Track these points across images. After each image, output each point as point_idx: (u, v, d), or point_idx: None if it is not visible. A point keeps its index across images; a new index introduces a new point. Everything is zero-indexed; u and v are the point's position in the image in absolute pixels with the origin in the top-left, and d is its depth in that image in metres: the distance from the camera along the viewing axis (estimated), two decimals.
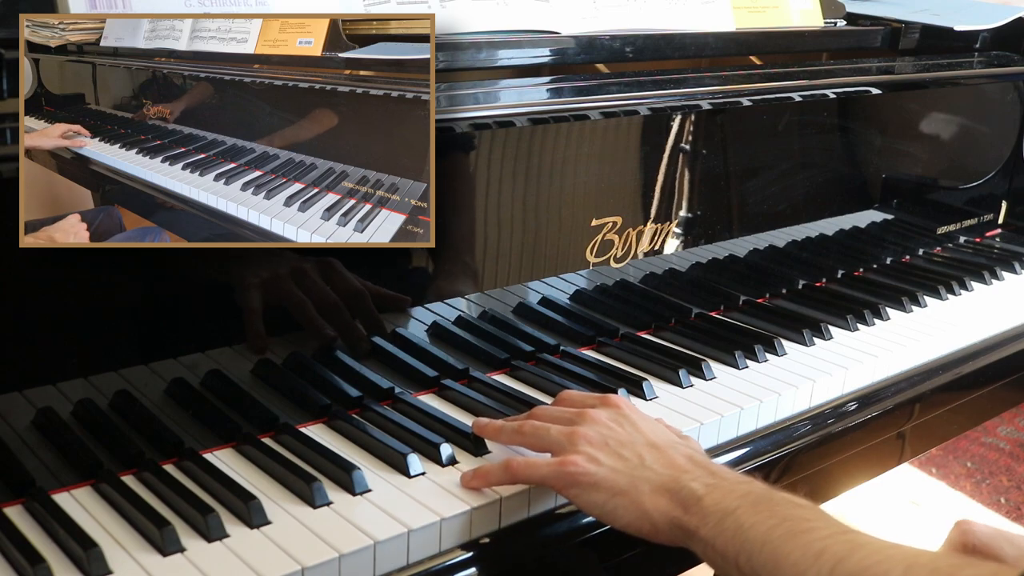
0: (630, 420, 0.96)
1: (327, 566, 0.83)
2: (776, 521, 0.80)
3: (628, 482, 0.89)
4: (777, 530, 0.79)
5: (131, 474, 0.92)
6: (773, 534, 0.79)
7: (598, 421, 0.95)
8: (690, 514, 0.85)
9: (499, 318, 1.18)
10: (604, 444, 0.92)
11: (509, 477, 0.93)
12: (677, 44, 1.36)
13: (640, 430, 0.95)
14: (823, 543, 0.76)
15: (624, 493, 0.88)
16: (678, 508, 0.86)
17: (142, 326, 0.94)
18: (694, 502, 0.85)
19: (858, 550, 0.74)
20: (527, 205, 1.14)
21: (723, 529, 0.82)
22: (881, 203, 1.59)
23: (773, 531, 0.79)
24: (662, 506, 0.87)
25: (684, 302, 1.36)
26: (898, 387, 1.31)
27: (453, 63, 1.14)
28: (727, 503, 0.83)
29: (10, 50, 0.85)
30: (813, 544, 0.76)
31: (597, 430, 0.93)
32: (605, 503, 0.89)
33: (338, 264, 1.01)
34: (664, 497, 0.87)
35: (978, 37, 1.74)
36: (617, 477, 0.89)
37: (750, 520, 0.81)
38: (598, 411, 0.97)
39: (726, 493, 0.85)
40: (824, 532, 0.78)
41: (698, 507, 0.84)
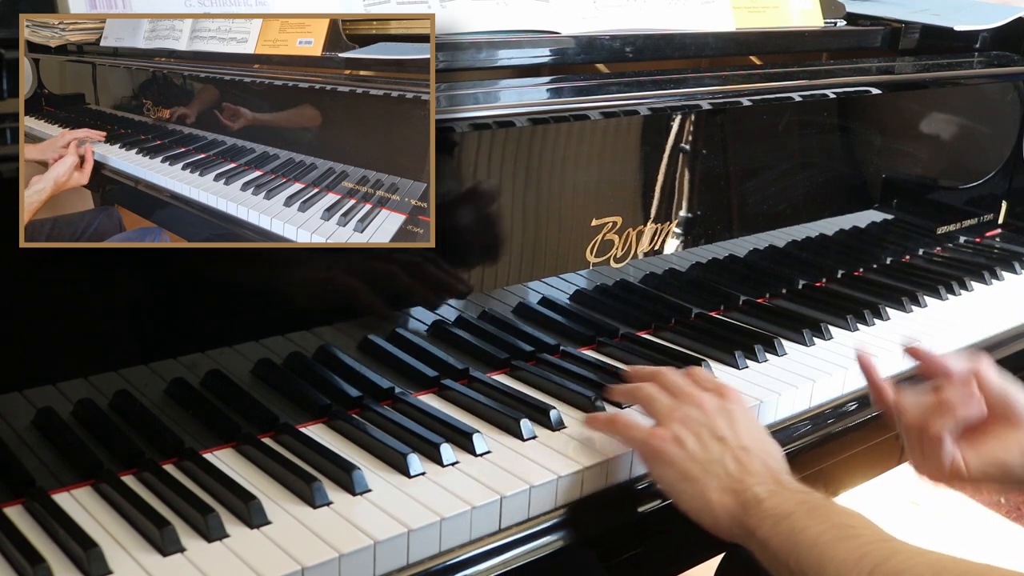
0: (732, 416, 1.00)
1: (327, 566, 0.83)
2: (826, 527, 0.86)
3: (700, 472, 0.94)
4: (826, 535, 0.85)
5: (131, 474, 0.92)
6: (822, 538, 0.85)
7: (703, 407, 1.00)
8: (750, 515, 0.90)
9: (499, 318, 1.18)
10: (697, 431, 0.97)
11: (610, 429, 1.02)
12: (677, 44, 1.36)
13: (736, 428, 0.99)
14: (866, 548, 0.82)
15: (694, 481, 0.94)
16: (740, 508, 0.91)
17: (142, 326, 0.94)
18: (755, 504, 0.91)
19: (895, 555, 0.80)
20: (527, 205, 1.14)
21: (779, 531, 0.88)
22: (881, 203, 1.59)
23: (823, 535, 0.85)
24: (727, 504, 0.92)
25: (684, 302, 1.36)
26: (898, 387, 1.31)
27: (453, 63, 1.14)
28: (785, 508, 0.89)
29: (10, 50, 0.85)
30: (857, 549, 0.82)
31: (698, 415, 0.99)
32: (674, 483, 0.96)
33: None
34: (729, 496, 0.93)
35: (978, 37, 1.74)
36: (692, 465, 0.95)
37: (803, 524, 0.87)
38: (707, 398, 1.02)
39: (786, 499, 0.90)
40: (868, 538, 0.84)
41: (758, 509, 0.90)
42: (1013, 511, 2.68)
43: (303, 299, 1.02)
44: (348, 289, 1.04)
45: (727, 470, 0.95)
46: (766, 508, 0.90)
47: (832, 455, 1.24)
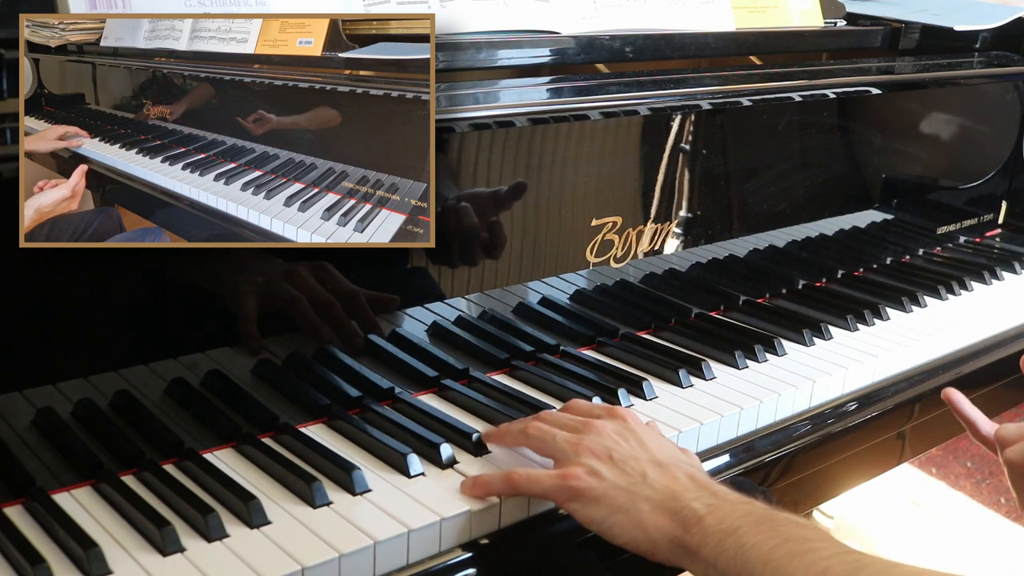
0: (635, 435, 0.95)
1: (327, 566, 0.83)
2: (778, 541, 0.80)
3: (628, 499, 0.88)
4: (779, 550, 0.79)
5: (131, 474, 0.92)
6: (775, 554, 0.79)
7: (603, 433, 0.94)
8: (691, 534, 0.84)
9: (499, 318, 1.18)
10: (608, 458, 0.91)
11: (510, 489, 0.92)
12: (677, 44, 1.36)
13: (645, 445, 0.94)
14: (825, 563, 0.76)
15: (624, 511, 0.88)
16: (679, 527, 0.85)
17: (142, 326, 0.94)
18: (695, 522, 0.84)
19: (861, 571, 0.75)
20: (527, 205, 1.14)
21: (724, 549, 0.81)
22: (881, 203, 1.59)
23: (775, 551, 0.79)
24: (662, 525, 0.86)
25: (684, 302, 1.36)
26: (898, 387, 1.31)
27: (453, 63, 1.14)
28: (729, 523, 0.83)
29: (10, 50, 0.85)
30: (816, 564, 0.76)
31: (602, 443, 0.93)
32: (604, 519, 0.88)
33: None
34: (664, 516, 0.86)
35: (978, 37, 1.74)
36: (618, 494, 0.89)
37: (752, 540, 0.81)
38: (604, 423, 0.96)
39: (727, 513, 0.84)
40: (826, 552, 0.78)
41: (699, 527, 0.84)
42: (1013, 511, 2.68)
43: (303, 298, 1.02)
44: (348, 289, 1.04)
45: (656, 488, 0.88)
46: (708, 525, 0.84)
47: (832, 455, 1.24)
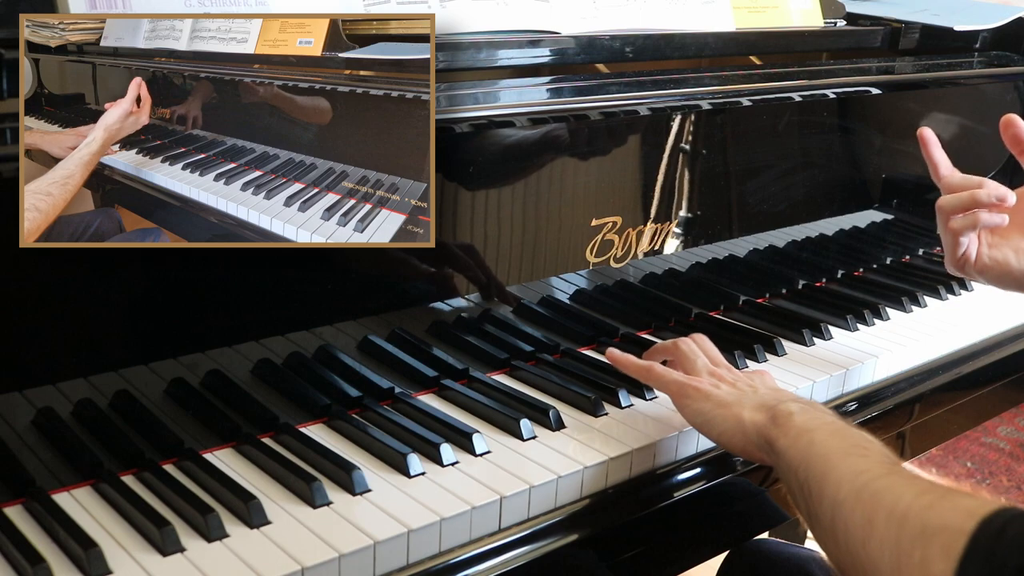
0: (761, 378, 1.09)
1: (327, 566, 0.83)
2: (841, 444, 0.88)
3: (735, 399, 1.02)
4: (838, 450, 0.87)
5: (131, 474, 0.92)
6: (834, 452, 0.87)
7: (733, 371, 1.11)
8: (777, 426, 0.94)
9: (499, 318, 1.18)
10: (732, 382, 1.06)
11: (645, 374, 1.09)
12: (677, 44, 1.36)
13: (766, 383, 1.08)
14: (867, 465, 0.84)
15: (728, 406, 1.01)
16: (770, 421, 0.95)
17: (142, 326, 0.94)
18: (785, 418, 0.94)
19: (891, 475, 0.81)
20: (527, 205, 1.14)
21: (798, 442, 0.90)
22: (881, 203, 1.59)
23: (834, 450, 0.88)
24: (757, 419, 0.97)
25: (684, 302, 1.36)
26: (898, 387, 1.31)
27: (453, 63, 1.14)
28: (811, 424, 0.92)
29: (10, 50, 0.85)
30: (859, 464, 0.84)
31: (729, 375, 1.08)
32: (708, 411, 1.02)
33: None
34: (761, 412, 0.97)
35: (978, 37, 1.74)
36: (727, 395, 1.03)
37: (821, 438, 0.89)
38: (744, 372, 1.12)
39: (813, 417, 0.94)
40: (874, 459, 0.85)
41: (787, 421, 0.93)
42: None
43: (303, 299, 1.02)
44: (347, 290, 1.04)
45: (761, 396, 1.01)
46: (794, 421, 0.93)
47: None
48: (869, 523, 0.77)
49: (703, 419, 1.02)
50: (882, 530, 0.76)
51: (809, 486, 0.86)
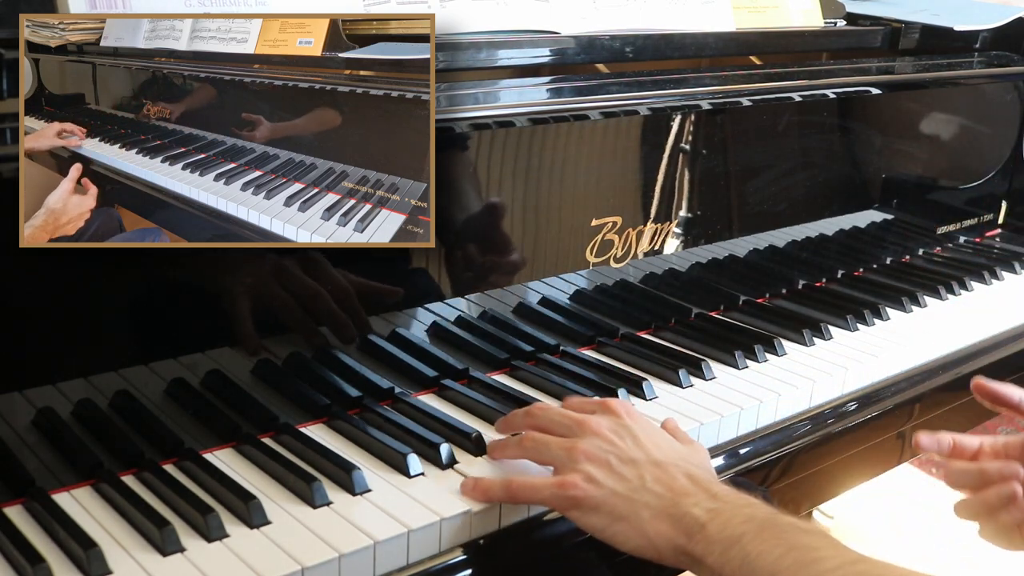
0: (631, 432, 0.94)
1: (327, 566, 0.83)
2: (783, 550, 0.79)
3: (628, 507, 0.87)
4: (785, 559, 0.78)
5: (131, 474, 0.92)
6: (781, 564, 0.78)
7: (599, 433, 0.93)
8: (694, 542, 0.83)
9: (499, 318, 1.18)
10: (606, 462, 0.90)
11: (509, 496, 0.92)
12: (677, 44, 1.36)
13: (641, 443, 0.92)
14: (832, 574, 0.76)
15: (625, 518, 0.87)
16: (682, 536, 0.84)
17: (142, 326, 0.94)
18: (697, 529, 0.84)
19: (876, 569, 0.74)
20: (527, 205, 1.14)
21: (729, 559, 0.81)
22: (881, 203, 1.59)
23: (781, 560, 0.78)
24: (665, 532, 0.85)
25: (684, 302, 1.36)
26: (898, 387, 1.31)
27: (453, 63, 1.14)
28: (731, 530, 0.82)
29: (10, 50, 0.85)
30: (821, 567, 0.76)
31: (598, 445, 0.92)
32: (606, 528, 0.88)
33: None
34: (666, 523, 0.86)
35: (978, 37, 1.74)
36: (617, 501, 0.88)
37: (756, 549, 0.80)
38: (599, 420, 0.95)
39: (729, 519, 0.83)
40: (833, 563, 0.77)
41: (702, 535, 0.83)
42: None
43: (303, 299, 1.02)
44: (347, 290, 1.04)
45: (655, 493, 0.87)
46: (711, 533, 0.83)
47: (832, 455, 1.24)
48: None
49: (605, 536, 0.88)
50: None
51: None
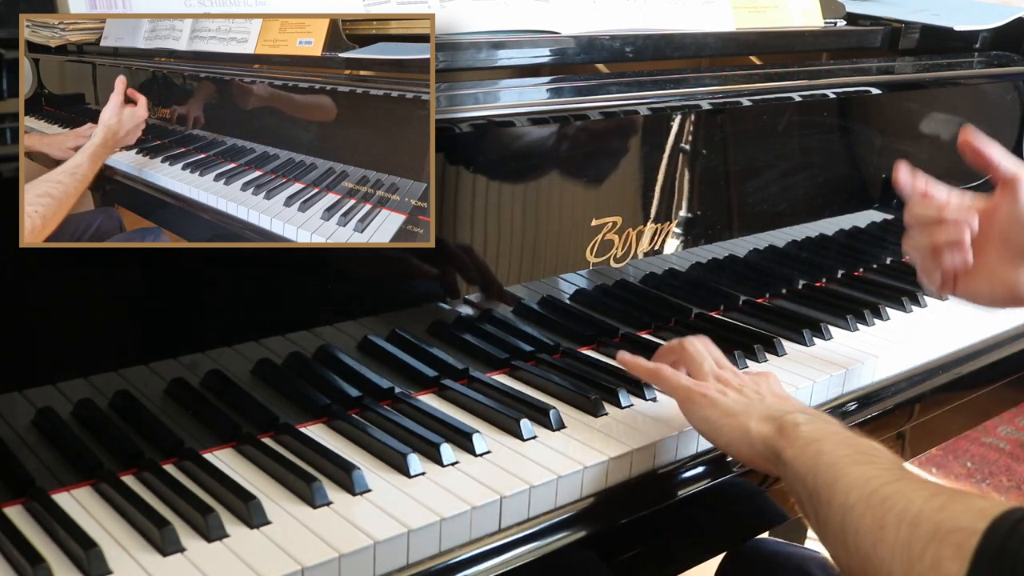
0: (768, 382, 1.08)
1: (327, 566, 0.83)
2: (849, 452, 0.88)
3: (742, 408, 1.01)
4: (846, 458, 0.87)
5: (131, 474, 0.92)
6: (842, 460, 0.87)
7: (739, 375, 1.09)
8: (784, 437, 0.93)
9: (499, 318, 1.18)
10: (739, 387, 1.05)
11: (654, 376, 1.10)
12: (677, 44, 1.36)
13: (773, 389, 1.07)
14: (876, 470, 0.84)
15: (734, 415, 1.00)
16: (776, 432, 0.95)
17: (142, 326, 0.94)
18: (792, 428, 0.94)
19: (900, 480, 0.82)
20: (527, 205, 1.14)
21: (805, 452, 0.90)
22: (881, 203, 1.59)
23: (843, 458, 0.87)
24: (764, 430, 0.96)
25: (684, 302, 1.36)
26: (898, 387, 1.31)
27: (453, 63, 1.14)
28: (818, 434, 0.92)
29: (10, 50, 0.85)
30: (868, 471, 0.84)
31: (735, 379, 1.08)
32: (715, 420, 1.01)
33: None
34: (768, 424, 0.97)
35: (978, 37, 1.74)
36: (734, 404, 1.02)
37: (830, 447, 0.89)
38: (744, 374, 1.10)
39: (820, 427, 0.93)
40: (883, 466, 0.85)
41: (794, 432, 0.93)
42: None
43: (303, 299, 1.02)
44: (347, 290, 1.04)
45: (767, 405, 1.01)
46: (801, 432, 0.93)
47: None
48: (880, 527, 0.78)
49: (709, 427, 1.02)
50: (893, 533, 0.76)
51: (818, 493, 0.86)
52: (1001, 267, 1.13)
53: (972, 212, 1.13)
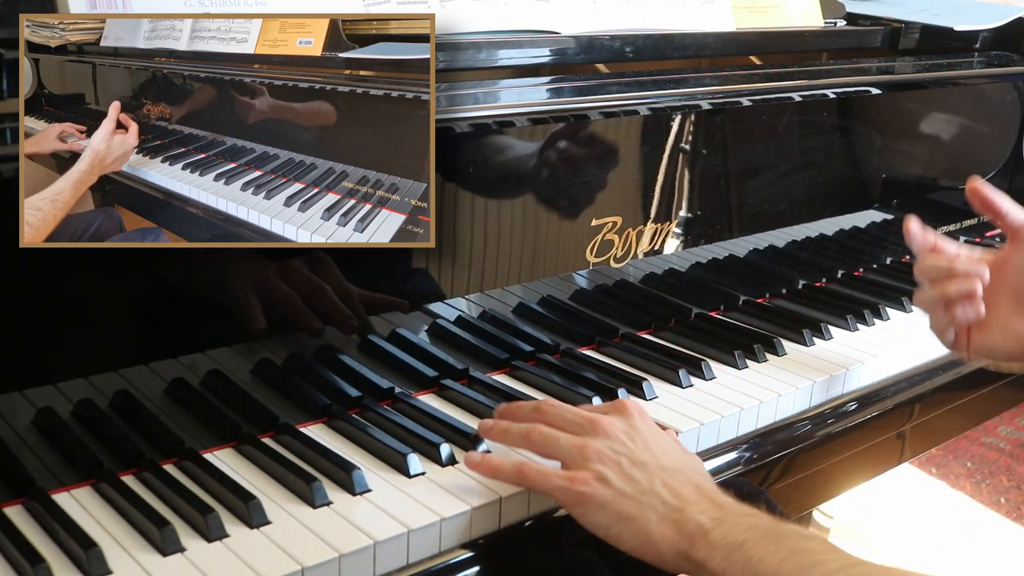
0: (642, 435, 0.94)
1: (327, 566, 0.83)
2: (785, 554, 0.80)
3: (635, 508, 0.88)
4: (787, 563, 0.79)
5: (131, 474, 0.92)
6: (782, 568, 0.79)
7: (611, 435, 0.93)
8: (697, 547, 0.84)
9: (499, 318, 1.18)
10: (617, 463, 0.91)
11: (518, 480, 0.93)
12: (677, 44, 1.36)
13: (651, 447, 0.93)
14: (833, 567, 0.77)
15: (631, 519, 0.88)
16: (685, 541, 0.85)
17: (142, 326, 0.94)
18: (701, 535, 0.85)
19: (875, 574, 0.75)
20: (527, 205, 1.14)
21: (732, 563, 0.82)
22: (881, 203, 1.59)
23: (783, 564, 0.79)
24: (669, 536, 0.86)
25: (684, 302, 1.36)
26: (898, 387, 1.31)
27: (453, 63, 1.14)
28: (734, 536, 0.83)
29: (10, 50, 0.85)
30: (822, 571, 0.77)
31: (610, 445, 0.92)
32: (610, 526, 0.89)
33: None
34: (670, 528, 0.86)
35: (978, 37, 1.74)
36: (625, 502, 0.88)
37: (759, 554, 0.81)
38: (611, 420, 0.95)
39: (733, 526, 0.84)
40: (834, 565, 0.78)
41: (705, 541, 0.84)
42: (1013, 511, 2.68)
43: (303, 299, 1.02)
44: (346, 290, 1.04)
45: (662, 499, 0.88)
46: (714, 539, 0.84)
47: (832, 455, 1.24)
48: None
49: (606, 534, 0.89)
50: None
51: None
52: (1014, 319, 1.10)
53: (983, 264, 1.11)
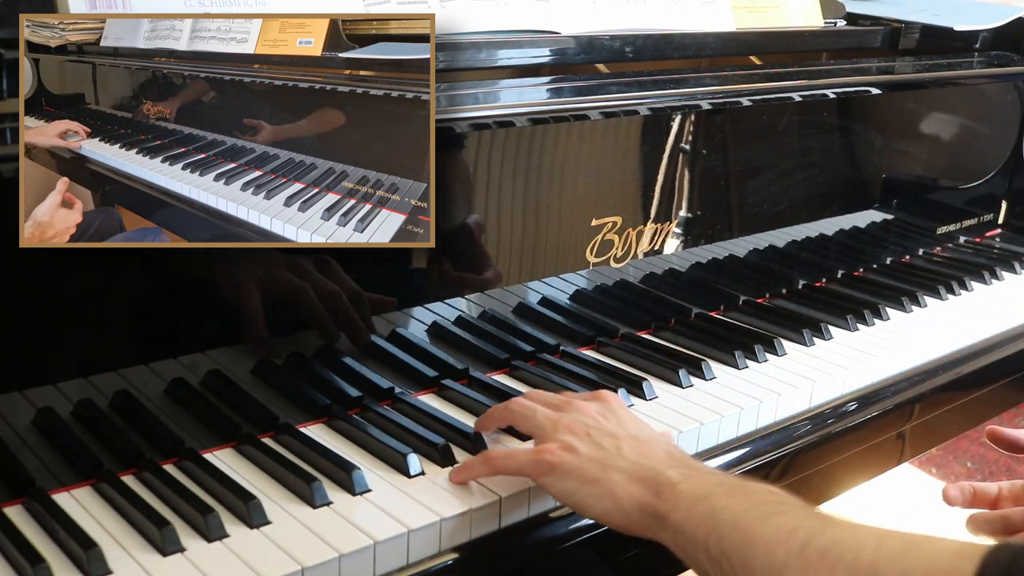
0: (616, 415, 0.96)
1: (327, 566, 0.83)
2: (750, 505, 0.80)
3: (601, 470, 0.88)
4: (750, 513, 0.78)
5: (131, 474, 0.92)
6: (746, 516, 0.78)
7: (584, 412, 0.95)
8: (662, 499, 0.84)
9: (499, 318, 1.18)
10: (586, 434, 0.91)
11: (489, 468, 0.93)
12: (677, 44, 1.36)
13: (624, 424, 0.94)
14: (796, 522, 0.76)
15: (596, 482, 0.87)
16: (651, 494, 0.85)
17: (142, 326, 0.94)
18: (669, 487, 0.84)
19: (831, 527, 0.74)
20: (527, 205, 1.14)
21: (695, 513, 0.81)
22: (881, 203, 1.59)
23: (746, 513, 0.79)
24: (635, 493, 0.85)
25: (684, 302, 1.36)
26: (898, 387, 1.31)
27: (453, 63, 1.14)
28: (702, 489, 0.83)
29: (10, 50, 0.85)
30: (785, 524, 0.76)
31: (581, 420, 0.93)
32: (576, 491, 0.88)
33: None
34: (638, 485, 0.86)
35: (978, 37, 1.74)
36: (591, 466, 0.88)
37: (723, 503, 0.80)
38: (587, 403, 0.97)
39: (701, 480, 0.84)
40: (796, 514, 0.78)
41: (672, 492, 0.83)
42: None
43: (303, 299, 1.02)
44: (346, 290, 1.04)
45: (629, 460, 0.88)
46: (681, 491, 0.83)
47: (832, 455, 1.24)
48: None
49: (574, 500, 0.89)
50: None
51: (729, 559, 0.77)
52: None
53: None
